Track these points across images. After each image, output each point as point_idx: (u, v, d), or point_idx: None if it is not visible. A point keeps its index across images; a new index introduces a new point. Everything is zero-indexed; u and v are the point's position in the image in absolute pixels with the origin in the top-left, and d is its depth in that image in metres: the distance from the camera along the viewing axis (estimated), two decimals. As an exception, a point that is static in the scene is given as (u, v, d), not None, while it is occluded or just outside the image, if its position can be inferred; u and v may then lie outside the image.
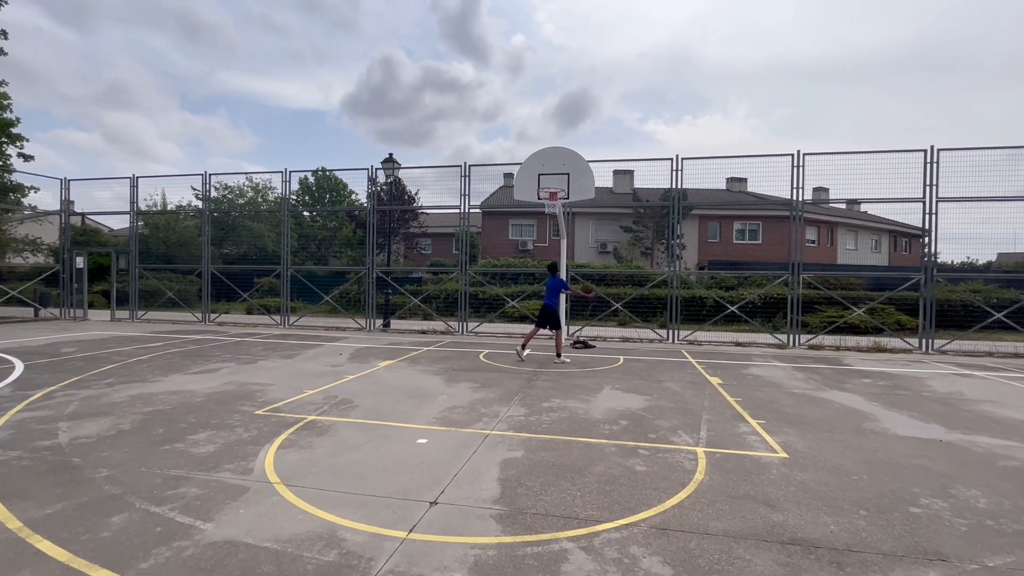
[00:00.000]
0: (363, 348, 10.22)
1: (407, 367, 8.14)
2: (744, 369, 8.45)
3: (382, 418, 5.14)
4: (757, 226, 32.48)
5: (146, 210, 15.42)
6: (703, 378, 7.55)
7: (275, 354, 9.21)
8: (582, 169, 9.90)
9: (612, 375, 7.70)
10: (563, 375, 7.65)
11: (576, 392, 6.47)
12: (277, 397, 5.94)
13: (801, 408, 5.84)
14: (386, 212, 16.68)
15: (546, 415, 5.35)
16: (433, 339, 11.99)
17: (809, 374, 8.06)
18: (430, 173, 13.71)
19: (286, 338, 11.71)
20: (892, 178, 11.16)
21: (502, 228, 30.07)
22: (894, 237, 38.45)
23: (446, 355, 9.48)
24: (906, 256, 38.18)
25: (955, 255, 14.20)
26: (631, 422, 5.13)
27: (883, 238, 37.91)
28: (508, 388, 6.66)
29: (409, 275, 22.19)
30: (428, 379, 7.18)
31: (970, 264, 18.74)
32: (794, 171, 11.36)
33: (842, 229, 35.36)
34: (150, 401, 5.68)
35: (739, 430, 4.92)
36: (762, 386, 7.05)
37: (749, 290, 17.24)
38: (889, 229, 37.00)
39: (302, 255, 29.46)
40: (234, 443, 4.29)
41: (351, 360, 8.74)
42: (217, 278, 17.12)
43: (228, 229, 30.41)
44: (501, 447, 4.30)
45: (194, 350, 9.52)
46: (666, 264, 28.51)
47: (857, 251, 35.94)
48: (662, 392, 6.54)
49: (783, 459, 4.13)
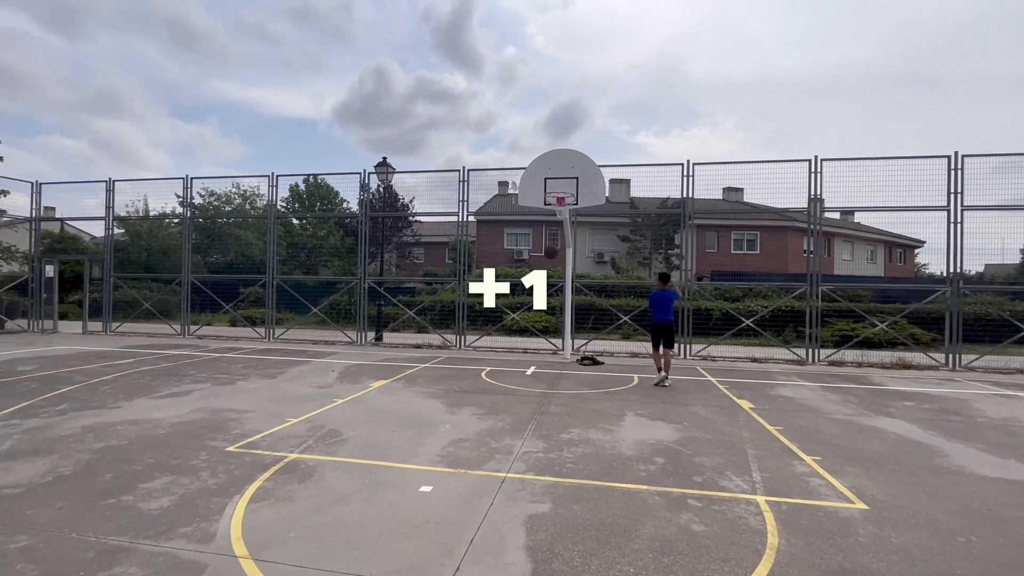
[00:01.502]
0: (354, 365, 9.41)
1: (403, 388, 7.35)
2: (771, 390, 7.76)
3: (377, 455, 4.37)
4: (755, 236, 32.14)
5: (124, 216, 14.48)
6: (731, 401, 6.85)
7: (256, 373, 8.38)
8: (592, 173, 9.25)
9: (631, 398, 6.97)
10: (578, 398, 6.91)
11: (596, 420, 5.74)
12: (254, 428, 5.13)
13: (854, 440, 5.15)
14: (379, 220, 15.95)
15: (568, 450, 4.61)
16: (429, 355, 11.20)
17: (843, 396, 7.39)
18: (424, 182, 13.08)
19: (270, 353, 10.86)
20: (903, 186, 10.65)
21: (497, 237, 29.38)
22: (889, 248, 38.31)
23: (445, 374, 8.71)
24: (901, 267, 38.08)
25: (945, 266, 13.85)
26: (668, 460, 4.40)
27: (879, 249, 37.76)
28: (519, 414, 5.90)
29: (403, 285, 21.40)
30: (427, 403, 6.41)
31: (964, 275, 18.34)
32: (811, 178, 10.81)
33: (839, 240, 35.13)
34: (104, 434, 4.85)
35: (796, 470, 4.21)
36: (799, 411, 6.36)
37: (755, 302, 16.67)
38: (885, 240, 36.85)
39: (291, 264, 28.53)
40: (196, 494, 3.50)
41: (340, 379, 7.93)
42: (199, 288, 16.28)
43: (214, 237, 29.43)
44: (522, 497, 3.55)
45: (167, 368, 8.66)
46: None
47: (853, 262, 35.73)
48: (692, 419, 5.82)
49: (864, 512, 3.42)
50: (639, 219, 27.50)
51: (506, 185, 29.26)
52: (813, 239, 10.98)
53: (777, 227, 31.42)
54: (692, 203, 11.23)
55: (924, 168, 10.51)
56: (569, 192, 9.13)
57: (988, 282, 16.50)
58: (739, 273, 25.23)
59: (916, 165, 10.55)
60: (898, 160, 10.49)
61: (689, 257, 11.38)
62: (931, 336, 13.10)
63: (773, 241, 31.90)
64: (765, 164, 11.02)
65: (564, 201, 9.15)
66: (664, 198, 24.20)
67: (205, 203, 29.49)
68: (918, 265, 39.50)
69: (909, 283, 15.57)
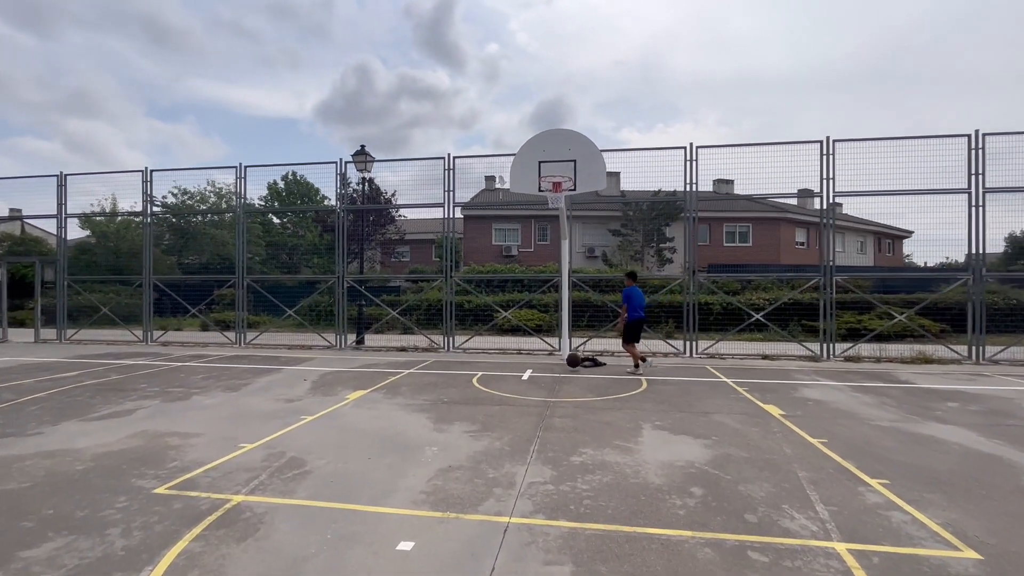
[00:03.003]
0: (330, 373, 8.46)
1: (383, 400, 6.44)
2: (795, 392, 7.00)
3: (345, 495, 3.48)
4: (747, 228, 31.71)
5: (78, 214, 13.32)
6: (756, 407, 6.06)
7: (218, 385, 7.41)
8: (590, 154, 8.39)
9: (644, 406, 6.14)
10: (584, 408, 6.07)
11: (609, 435, 4.89)
12: (198, 458, 4.20)
13: (914, 454, 4.37)
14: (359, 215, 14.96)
15: (583, 479, 3.76)
16: (415, 358, 10.29)
17: (877, 397, 6.65)
18: (408, 180, 12.06)
19: (238, 361, 9.86)
20: (916, 168, 9.99)
21: (485, 233, 28.47)
22: (878, 238, 38.19)
23: (431, 381, 7.81)
24: (891, 257, 37.95)
25: (930, 256, 13.42)
26: (708, 490, 3.57)
27: (868, 239, 37.61)
28: (518, 431, 5.04)
29: (387, 284, 20.39)
30: (411, 419, 5.51)
31: (950, 264, 17.90)
32: (823, 160, 10.09)
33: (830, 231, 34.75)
34: (6, 472, 3.89)
35: (867, 500, 3.41)
36: (837, 418, 5.58)
37: (756, 294, 16.01)
38: (874, 231, 36.68)
39: (271, 265, 27.30)
40: (94, 565, 2.58)
41: (313, 391, 7.00)
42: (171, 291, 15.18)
43: (189, 237, 28.11)
44: (533, 556, 2.69)
45: (115, 382, 7.64)
46: (657, 267, 27.47)
47: (845, 252, 35.51)
48: (720, 432, 5.01)
49: (979, 564, 2.61)
50: (630, 212, 26.79)
51: (493, 179, 28.33)
52: (826, 228, 10.26)
53: (770, 219, 30.97)
54: (696, 190, 10.43)
55: (940, 150, 9.85)
56: (566, 176, 8.26)
57: (1016, 270, 15.99)
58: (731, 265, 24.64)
59: (931, 147, 9.88)
60: (914, 141, 9.80)
61: (692, 249, 10.59)
62: (940, 327, 12.51)
63: (766, 233, 31.46)
64: (771, 147, 10.27)
65: (561, 186, 8.28)
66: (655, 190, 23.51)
67: (179, 202, 28.15)
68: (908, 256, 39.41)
69: (931, 272, 14.97)
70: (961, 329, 10.82)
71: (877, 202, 10.63)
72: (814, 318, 14.42)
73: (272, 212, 28.58)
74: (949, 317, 12.06)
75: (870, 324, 13.97)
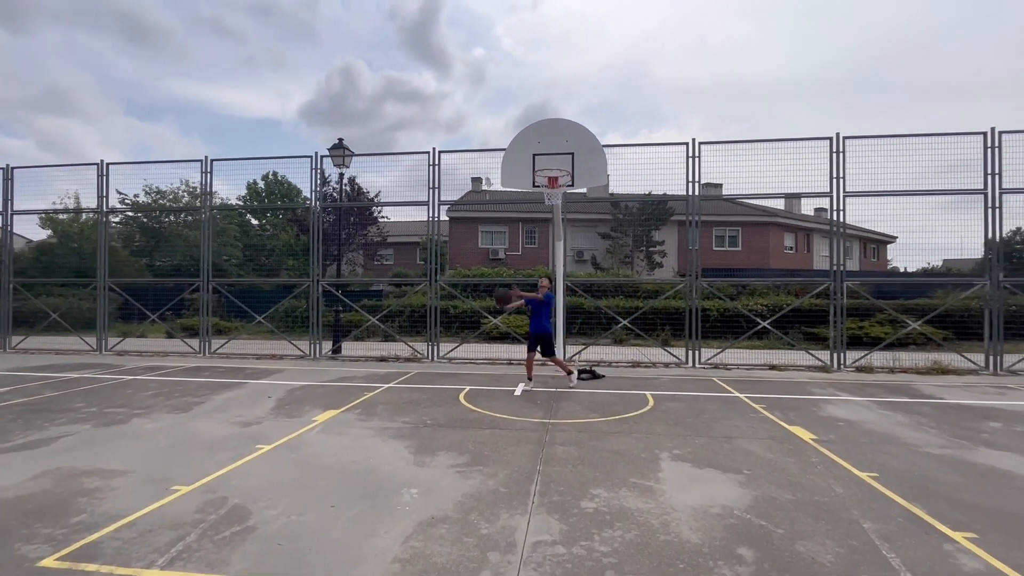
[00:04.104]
0: (299, 388, 7.56)
1: (356, 423, 5.60)
2: (817, 409, 6.32)
3: (294, 567, 2.64)
4: (736, 232, 31.44)
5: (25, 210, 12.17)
6: (782, 429, 5.35)
7: (166, 404, 6.48)
8: (591, 147, 7.66)
9: (655, 428, 5.40)
10: (588, 432, 5.30)
11: (622, 469, 4.13)
12: (114, 509, 3.33)
13: (986, 493, 3.68)
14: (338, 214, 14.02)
15: (599, 536, 2.98)
16: (396, 370, 9.43)
17: (910, 416, 5.99)
18: (393, 181, 11.16)
19: (199, 373, 8.90)
20: (927, 168, 9.50)
21: (471, 235, 27.67)
22: (864, 243, 38.33)
23: (413, 397, 6.98)
24: (875, 263, 38.06)
25: (911, 262, 13.14)
26: (759, 551, 2.81)
27: (854, 245, 37.70)
28: (515, 463, 4.25)
29: (368, 288, 19.43)
30: (387, 449, 4.68)
31: (932, 270, 17.58)
32: (832, 157, 9.51)
33: (817, 235, 34.79)
34: None
35: (963, 566, 2.68)
36: (877, 443, 4.89)
37: (752, 300, 15.49)
38: (859, 236, 36.77)
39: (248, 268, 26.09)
40: None
41: (276, 410, 6.12)
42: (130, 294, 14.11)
43: (160, 239, 26.84)
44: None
45: (46, 401, 6.65)
46: (647, 271, 26.91)
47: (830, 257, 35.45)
48: (752, 463, 4.27)
49: None
50: (620, 216, 26.24)
51: (480, 181, 27.53)
52: (836, 229, 9.68)
53: (760, 223, 30.74)
54: (698, 192, 9.78)
55: (953, 148, 9.34)
56: (563, 170, 7.51)
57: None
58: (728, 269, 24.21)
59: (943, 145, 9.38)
60: (927, 139, 9.28)
61: (695, 251, 9.92)
62: (943, 335, 12.05)
63: (755, 237, 31.21)
64: (777, 143, 9.67)
65: (557, 182, 7.52)
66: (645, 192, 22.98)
67: (152, 200, 26.87)
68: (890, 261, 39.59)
69: (946, 277, 14.51)
70: (964, 336, 10.39)
71: (863, 205, 10.01)
72: (814, 324, 13.95)
73: (240, 210, 27.10)
74: (950, 324, 11.61)
75: (872, 331, 13.49)
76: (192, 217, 27.81)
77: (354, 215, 23.17)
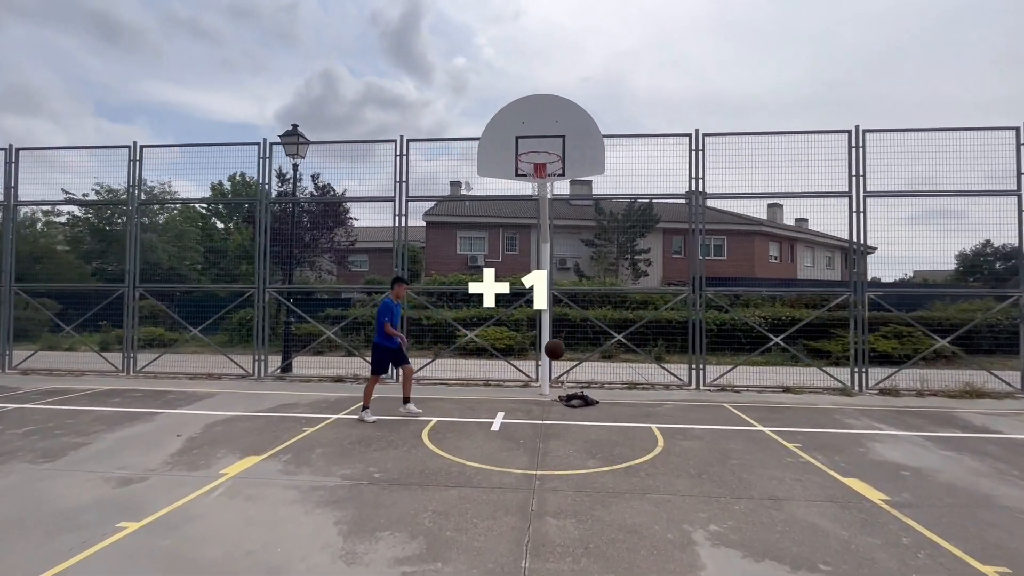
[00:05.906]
0: (221, 422, 6.06)
1: (277, 479, 4.17)
2: (864, 449, 5.12)
3: None
4: (722, 241, 30.77)
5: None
6: (838, 484, 4.12)
7: (34, 448, 4.94)
8: (586, 130, 6.39)
9: (676, 484, 4.11)
10: (588, 490, 3.98)
11: (646, 564, 2.82)
12: None
13: None
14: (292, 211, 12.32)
15: None
16: (351, 393, 7.98)
17: (981, 460, 4.83)
18: (369, 187, 9.60)
19: (107, 399, 7.31)
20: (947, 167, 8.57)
21: (449, 241, 26.28)
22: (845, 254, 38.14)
23: (364, 435, 5.57)
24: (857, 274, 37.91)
25: (885, 272, 12.42)
26: None
27: (836, 255, 37.55)
28: (488, 558, 2.90)
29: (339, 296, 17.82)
30: (307, 527, 3.29)
31: (908, 281, 16.95)
32: (851, 153, 8.49)
33: (800, 245, 34.44)
34: None
35: None
36: (968, 507, 3.69)
37: (748, 312, 14.51)
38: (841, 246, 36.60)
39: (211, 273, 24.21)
40: None
41: (178, 457, 4.65)
42: (62, 302, 12.45)
43: (111, 241, 24.79)
44: None
45: None
46: (631, 280, 25.85)
47: (814, 267, 35.28)
48: (820, 546, 3.01)
49: None
50: (604, 221, 25.19)
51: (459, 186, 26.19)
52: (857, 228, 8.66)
53: (744, 231, 30.16)
54: (703, 189, 8.64)
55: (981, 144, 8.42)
56: (553, 155, 6.25)
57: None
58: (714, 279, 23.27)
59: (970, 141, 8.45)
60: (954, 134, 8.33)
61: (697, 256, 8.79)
62: (951, 350, 11.16)
63: (740, 246, 30.59)
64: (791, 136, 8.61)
65: (545, 170, 6.24)
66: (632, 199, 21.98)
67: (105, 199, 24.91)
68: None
69: (975, 289, 13.62)
70: (973, 351, 9.52)
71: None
72: (817, 338, 12.95)
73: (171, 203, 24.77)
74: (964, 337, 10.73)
75: (880, 346, 12.54)
76: (148, 219, 25.88)
77: (317, 214, 21.44)
